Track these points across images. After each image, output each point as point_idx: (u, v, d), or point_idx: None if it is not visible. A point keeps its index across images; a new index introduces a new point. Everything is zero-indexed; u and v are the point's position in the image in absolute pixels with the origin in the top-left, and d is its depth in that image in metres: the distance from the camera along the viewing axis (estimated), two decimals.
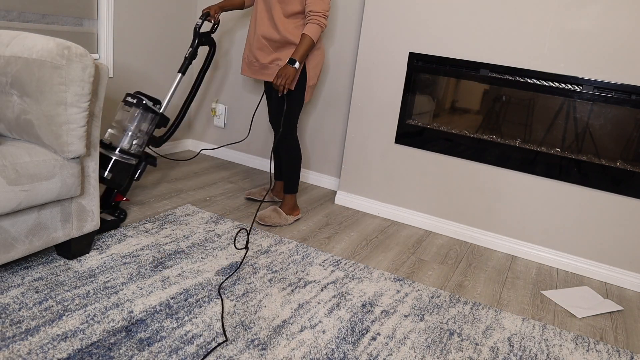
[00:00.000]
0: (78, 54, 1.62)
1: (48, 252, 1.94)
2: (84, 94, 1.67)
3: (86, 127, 1.72)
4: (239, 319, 1.68)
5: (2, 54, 1.67)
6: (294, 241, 2.35)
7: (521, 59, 2.41)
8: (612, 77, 2.25)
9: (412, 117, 2.74)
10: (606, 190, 2.34)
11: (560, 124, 2.42)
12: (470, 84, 2.59)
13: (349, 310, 1.83)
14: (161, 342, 1.51)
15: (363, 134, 2.85)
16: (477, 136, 2.58)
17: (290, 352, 1.55)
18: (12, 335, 1.44)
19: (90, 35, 2.83)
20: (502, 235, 2.61)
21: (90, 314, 1.60)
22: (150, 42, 3.18)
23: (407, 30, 2.63)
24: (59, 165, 1.68)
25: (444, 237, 2.69)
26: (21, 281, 1.72)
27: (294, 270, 2.08)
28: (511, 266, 2.44)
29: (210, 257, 2.09)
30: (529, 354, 1.71)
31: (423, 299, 1.98)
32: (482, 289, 2.16)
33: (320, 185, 3.30)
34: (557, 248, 2.50)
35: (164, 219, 2.41)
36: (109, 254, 1.99)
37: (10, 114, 1.70)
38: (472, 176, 2.62)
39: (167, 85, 3.41)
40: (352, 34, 2.99)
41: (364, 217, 2.82)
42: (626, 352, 1.81)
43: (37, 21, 2.55)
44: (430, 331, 1.77)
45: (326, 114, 3.17)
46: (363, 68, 2.79)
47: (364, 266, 2.20)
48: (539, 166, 2.46)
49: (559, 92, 2.36)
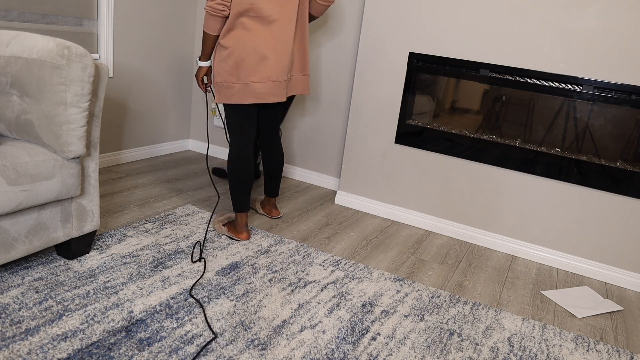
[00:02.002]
0: (78, 54, 1.62)
1: (48, 252, 1.94)
2: (84, 94, 1.67)
3: (86, 127, 1.72)
4: (239, 319, 1.68)
5: (2, 54, 1.67)
6: (294, 241, 2.35)
7: (521, 59, 2.41)
8: (612, 77, 2.25)
9: (412, 117, 2.74)
10: (606, 190, 2.34)
11: (560, 124, 2.42)
12: (470, 84, 2.59)
13: (349, 310, 1.83)
14: (161, 342, 1.51)
15: (363, 134, 2.85)
16: (477, 136, 2.58)
17: (290, 352, 1.55)
18: (12, 335, 1.44)
19: (90, 35, 2.83)
20: (502, 235, 2.61)
21: (90, 314, 1.60)
22: (150, 42, 3.18)
23: (407, 30, 2.63)
24: (59, 165, 1.68)
25: (444, 237, 2.69)
26: (21, 281, 1.72)
27: (294, 270, 2.08)
28: (511, 266, 2.44)
29: (211, 257, 2.09)
30: (529, 354, 1.71)
31: (423, 299, 1.98)
32: (482, 289, 2.16)
33: (320, 185, 3.30)
34: (557, 248, 2.50)
35: (164, 219, 2.41)
36: (109, 254, 1.99)
37: (10, 114, 1.70)
38: (472, 176, 2.62)
39: (167, 85, 3.41)
40: (352, 34, 2.99)
41: (364, 217, 2.82)
42: (626, 352, 1.81)
43: (37, 21, 2.55)
44: (430, 331, 1.77)
45: (326, 114, 3.18)
46: (363, 68, 2.79)
47: (364, 266, 2.20)
48: (539, 166, 2.46)
49: (559, 92, 2.36)
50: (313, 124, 3.23)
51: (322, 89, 3.15)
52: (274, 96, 2.12)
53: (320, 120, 3.20)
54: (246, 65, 2.04)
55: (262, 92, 2.09)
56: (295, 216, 2.70)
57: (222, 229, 2.34)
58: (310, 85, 2.28)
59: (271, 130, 2.45)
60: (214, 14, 1.99)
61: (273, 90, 2.11)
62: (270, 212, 2.63)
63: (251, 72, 2.05)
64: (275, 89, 2.11)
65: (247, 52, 2.03)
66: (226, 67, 2.05)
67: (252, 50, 2.03)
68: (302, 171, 3.34)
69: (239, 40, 2.02)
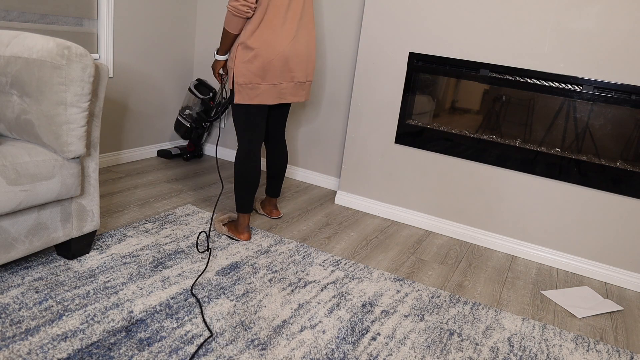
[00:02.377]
0: (78, 54, 1.62)
1: (48, 252, 1.94)
2: (84, 94, 1.67)
3: (86, 127, 1.72)
4: (239, 319, 1.68)
5: (2, 54, 1.67)
6: (294, 241, 2.35)
7: (521, 59, 2.41)
8: (612, 77, 2.25)
9: (412, 117, 2.74)
10: (606, 190, 2.34)
11: (560, 124, 2.42)
12: (470, 84, 2.59)
13: (349, 310, 1.83)
14: (161, 342, 1.51)
15: (363, 134, 2.85)
16: (477, 136, 2.58)
17: (290, 352, 1.55)
18: (12, 335, 1.44)
19: (90, 35, 2.83)
20: (502, 235, 2.61)
21: (90, 314, 1.60)
22: (150, 42, 3.18)
23: (407, 30, 2.63)
24: (58, 165, 1.68)
25: (444, 237, 2.69)
26: (21, 281, 1.72)
27: (294, 270, 2.08)
28: (511, 266, 2.44)
29: (210, 257, 2.09)
30: (529, 354, 1.71)
31: (423, 299, 1.98)
32: (482, 289, 2.16)
33: (320, 185, 3.30)
34: (557, 248, 2.50)
35: (164, 219, 2.41)
36: (109, 254, 1.99)
37: (10, 114, 1.70)
38: (472, 176, 2.62)
39: (167, 85, 3.41)
40: (352, 34, 2.99)
41: (364, 217, 2.82)
42: (626, 352, 1.81)
43: (37, 21, 2.55)
44: (430, 331, 1.77)
45: (326, 114, 3.18)
46: (363, 68, 2.79)
47: (364, 266, 2.20)
48: (539, 166, 2.46)
49: (559, 92, 2.36)
50: (313, 124, 3.23)
51: (322, 89, 3.15)
52: (295, 96, 2.21)
53: (321, 120, 3.20)
54: (273, 67, 2.06)
55: (285, 93, 2.16)
56: (295, 216, 2.70)
57: (223, 228, 2.33)
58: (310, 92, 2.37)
59: (279, 131, 2.46)
60: (237, 15, 1.97)
61: (295, 91, 2.19)
62: (270, 212, 2.63)
63: (278, 74, 2.09)
64: (297, 90, 2.20)
65: (274, 54, 2.04)
66: (252, 68, 2.04)
67: (280, 53, 2.06)
68: (302, 171, 3.34)
69: (265, 43, 2.02)
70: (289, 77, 2.14)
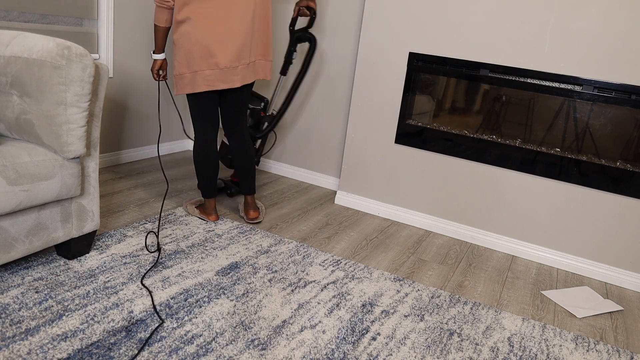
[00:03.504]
0: (78, 54, 1.62)
1: (48, 252, 1.94)
2: (84, 94, 1.67)
3: (86, 127, 1.72)
4: (239, 319, 1.68)
5: (2, 54, 1.67)
6: (294, 241, 2.35)
7: (521, 59, 2.41)
8: (612, 77, 2.25)
9: (412, 117, 2.74)
10: (606, 190, 2.34)
11: (560, 124, 2.42)
12: (470, 84, 2.59)
13: (349, 310, 1.83)
14: (161, 342, 1.51)
15: (363, 134, 2.85)
16: (477, 136, 2.58)
17: (290, 352, 1.55)
18: (12, 335, 1.44)
19: (90, 35, 2.84)
20: (502, 235, 2.61)
21: (90, 314, 1.60)
22: (150, 42, 3.18)
23: (407, 30, 2.63)
24: (58, 165, 1.68)
25: (444, 237, 2.69)
26: (21, 281, 1.72)
27: (294, 270, 2.08)
28: (511, 266, 2.44)
29: (210, 257, 2.09)
30: (529, 354, 1.71)
31: (423, 299, 1.98)
32: (482, 289, 2.16)
33: (320, 185, 3.30)
34: (557, 248, 2.50)
35: (164, 219, 2.41)
36: (109, 254, 1.99)
37: (10, 114, 1.70)
38: (472, 176, 2.62)
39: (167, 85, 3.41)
40: (352, 34, 2.99)
41: (364, 217, 2.82)
42: (626, 352, 1.81)
43: (37, 21, 2.55)
44: (430, 331, 1.77)
45: (326, 114, 3.18)
46: (363, 68, 2.79)
47: (364, 266, 2.20)
48: (539, 166, 2.46)
49: (559, 92, 2.36)
50: (313, 124, 3.23)
51: (322, 89, 3.15)
52: (223, 82, 2.17)
53: (321, 120, 3.20)
54: (194, 55, 2.12)
55: (211, 79, 2.16)
56: (295, 216, 2.70)
57: (195, 211, 2.49)
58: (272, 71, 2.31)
59: (233, 120, 2.38)
60: (160, 5, 2.13)
61: (222, 77, 2.16)
62: (247, 213, 2.48)
63: (199, 61, 2.13)
64: (223, 76, 2.16)
65: (192, 43, 2.11)
66: (179, 59, 2.16)
67: (196, 41, 2.10)
68: (302, 171, 3.34)
69: (185, 34, 2.11)
70: (212, 63, 2.13)
